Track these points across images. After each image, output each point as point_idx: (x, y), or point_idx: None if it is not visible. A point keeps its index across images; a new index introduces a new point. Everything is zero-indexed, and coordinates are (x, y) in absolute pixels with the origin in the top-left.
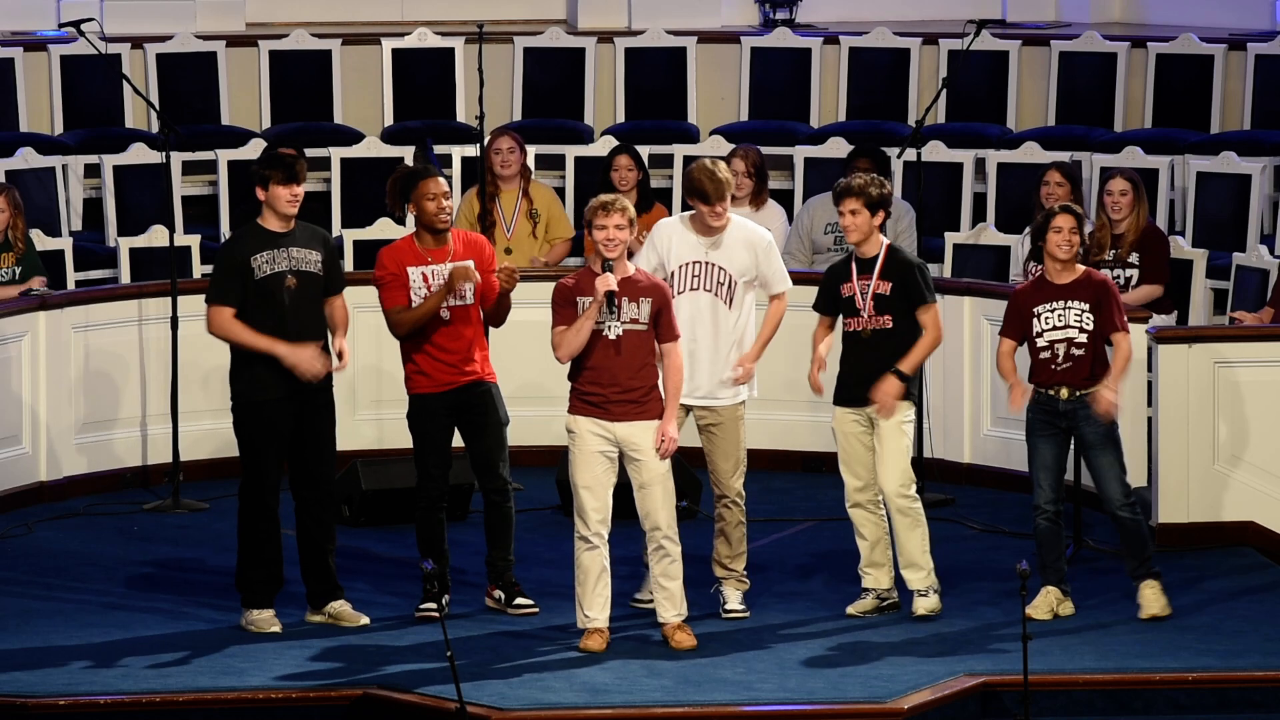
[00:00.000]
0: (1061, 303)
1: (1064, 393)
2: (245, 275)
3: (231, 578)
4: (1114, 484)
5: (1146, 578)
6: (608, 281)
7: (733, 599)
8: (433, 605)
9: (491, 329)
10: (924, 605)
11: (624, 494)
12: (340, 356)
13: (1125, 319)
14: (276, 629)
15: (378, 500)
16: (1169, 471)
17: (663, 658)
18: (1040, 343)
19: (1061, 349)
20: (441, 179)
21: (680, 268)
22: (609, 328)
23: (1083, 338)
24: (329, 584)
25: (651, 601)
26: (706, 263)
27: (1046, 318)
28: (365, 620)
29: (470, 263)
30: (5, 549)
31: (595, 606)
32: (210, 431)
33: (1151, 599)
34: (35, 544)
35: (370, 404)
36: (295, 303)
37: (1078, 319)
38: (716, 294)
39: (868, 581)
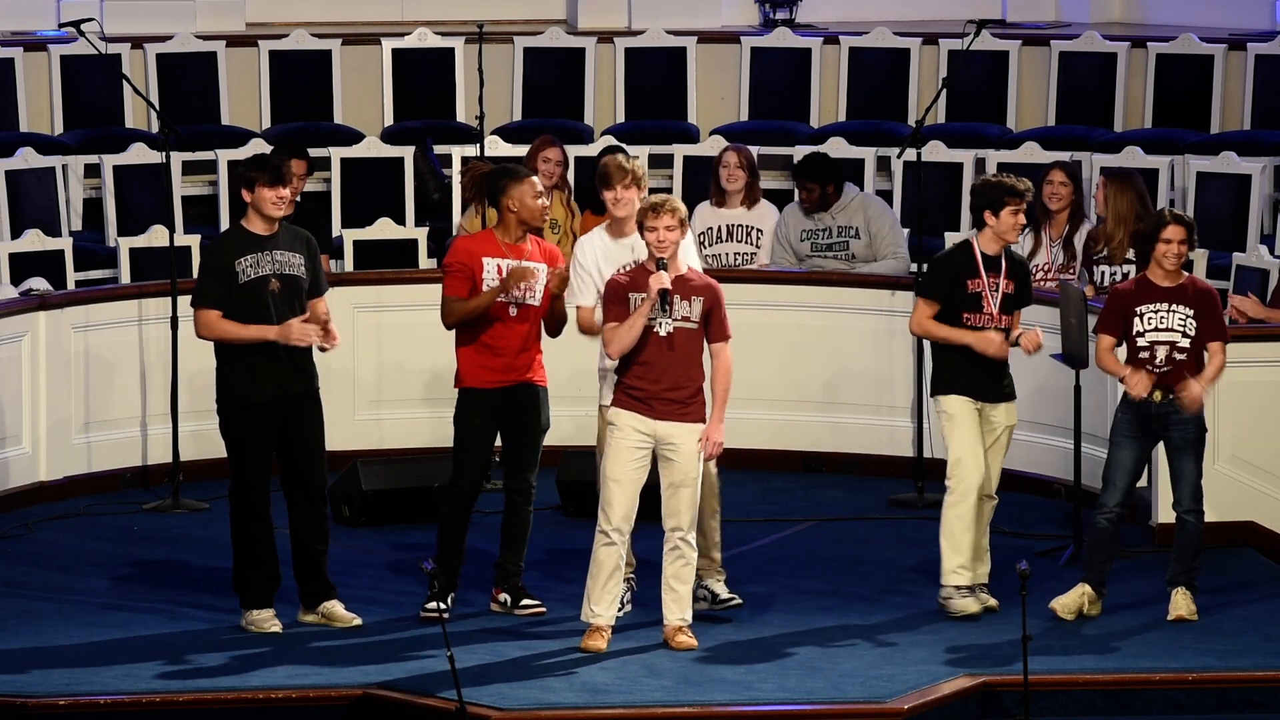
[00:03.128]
0: (1166, 305)
1: (1158, 395)
2: (229, 279)
3: (231, 577)
4: (1188, 488)
5: (1183, 585)
6: (661, 279)
7: (720, 589)
8: (439, 605)
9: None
10: (992, 601)
11: (644, 495)
12: (327, 332)
13: (1227, 330)
14: (276, 628)
15: (378, 500)
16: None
17: (663, 658)
18: (1140, 343)
19: (1162, 351)
20: (538, 179)
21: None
22: (660, 325)
23: (1185, 343)
24: (321, 584)
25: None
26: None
27: (1149, 318)
28: (357, 621)
29: (533, 265)
30: (5, 549)
31: (603, 603)
32: (210, 431)
33: (1181, 603)
34: (35, 544)
35: (370, 404)
36: (280, 306)
37: (1181, 323)
38: None
39: (967, 579)
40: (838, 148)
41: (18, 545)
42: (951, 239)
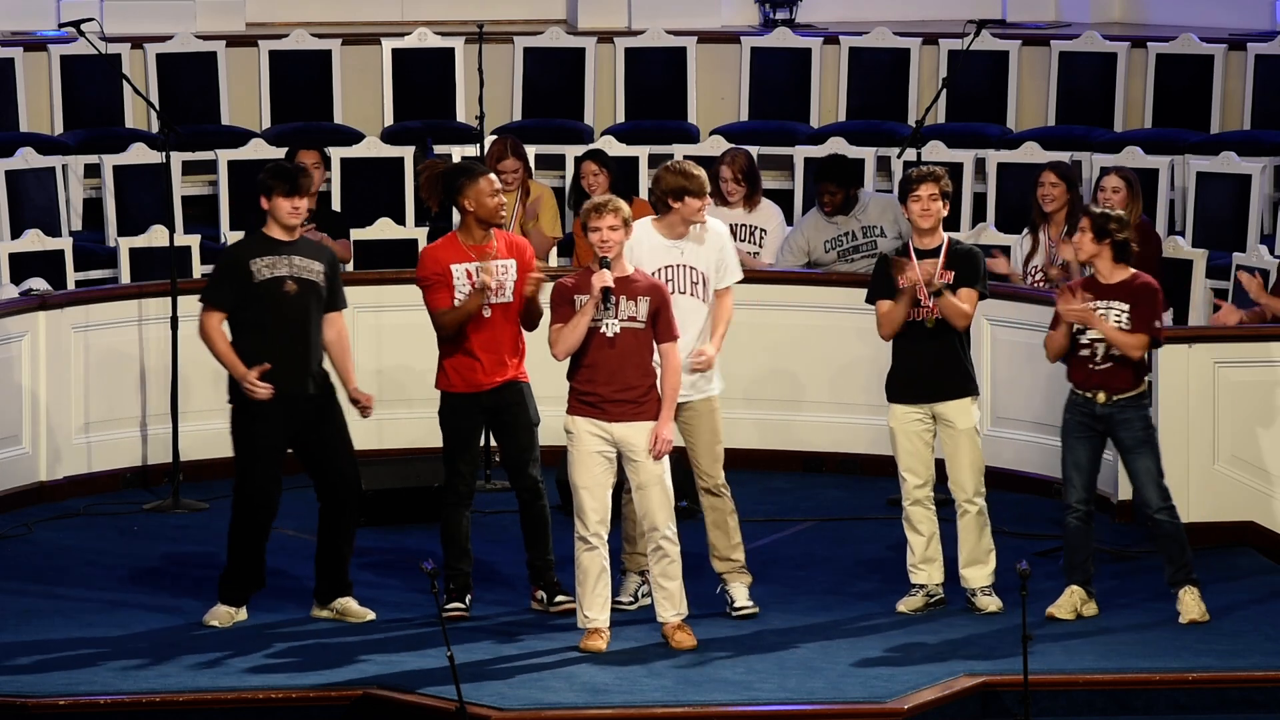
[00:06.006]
0: (1104, 303)
1: (1101, 396)
2: (243, 279)
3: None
4: (1151, 488)
5: (1185, 584)
6: (603, 278)
7: (740, 595)
8: (459, 605)
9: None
10: (991, 603)
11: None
12: (365, 407)
13: (1158, 327)
14: (220, 625)
15: (377, 500)
16: (1169, 471)
17: (663, 658)
18: (1082, 340)
19: (1101, 349)
20: (494, 175)
21: (654, 274)
22: (606, 325)
23: None
24: (339, 582)
25: (630, 604)
26: (680, 265)
27: None
28: (371, 615)
29: (496, 263)
30: (5, 549)
31: (595, 607)
32: (210, 431)
33: (1191, 604)
34: (35, 544)
35: None
36: (294, 308)
37: (1117, 319)
38: (693, 294)
39: (919, 578)
40: (838, 148)
41: (18, 545)
42: (950, 238)
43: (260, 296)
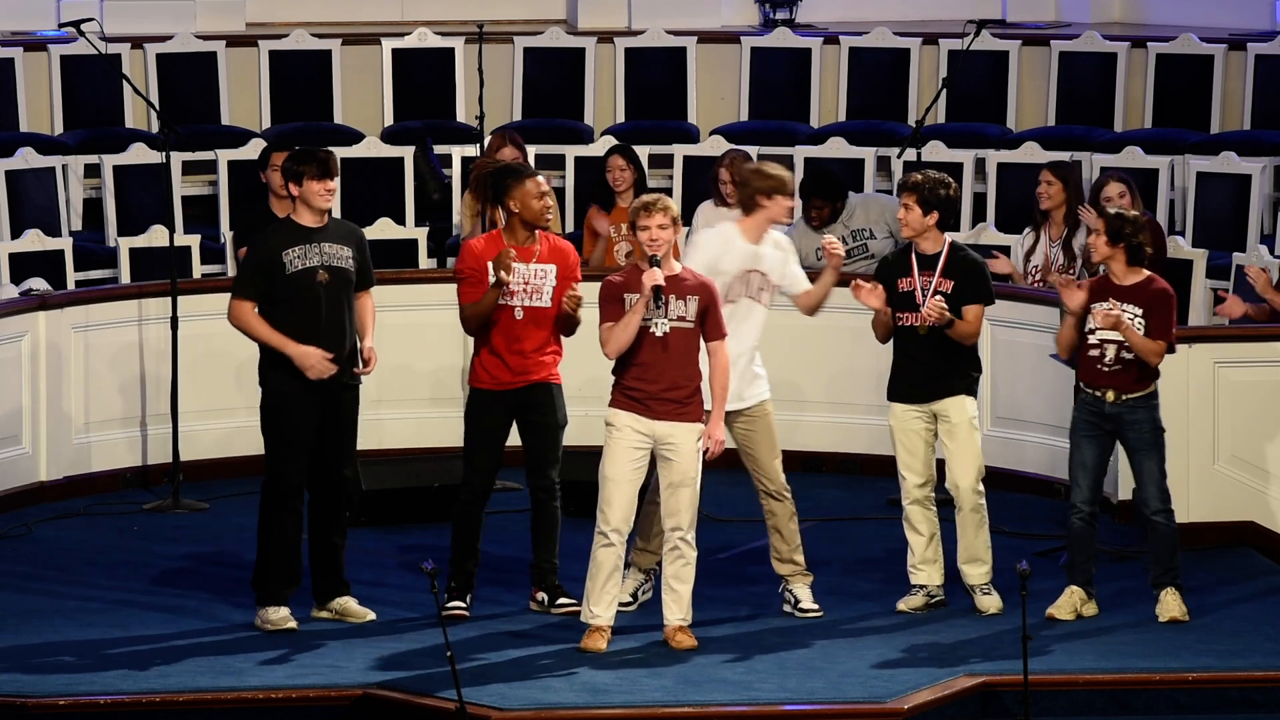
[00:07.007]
0: (1118, 305)
1: (1110, 395)
2: (275, 270)
3: (232, 576)
4: (1153, 489)
5: (1169, 586)
6: (654, 276)
7: (805, 596)
8: (460, 604)
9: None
10: (991, 604)
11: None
12: (367, 363)
13: (1173, 334)
14: (292, 625)
15: (378, 500)
16: (1169, 471)
17: (663, 658)
18: (1091, 340)
19: (1111, 350)
20: (541, 178)
21: (738, 277)
22: (656, 324)
23: None
24: (337, 580)
25: (631, 604)
26: (758, 271)
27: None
28: (371, 615)
29: (511, 251)
30: (5, 549)
31: (602, 604)
32: (210, 431)
33: (1172, 604)
34: (35, 544)
35: (370, 404)
36: (327, 298)
37: (1129, 322)
38: (759, 300)
39: (919, 578)
40: (838, 148)
41: (18, 545)
42: (950, 239)
43: (293, 288)
